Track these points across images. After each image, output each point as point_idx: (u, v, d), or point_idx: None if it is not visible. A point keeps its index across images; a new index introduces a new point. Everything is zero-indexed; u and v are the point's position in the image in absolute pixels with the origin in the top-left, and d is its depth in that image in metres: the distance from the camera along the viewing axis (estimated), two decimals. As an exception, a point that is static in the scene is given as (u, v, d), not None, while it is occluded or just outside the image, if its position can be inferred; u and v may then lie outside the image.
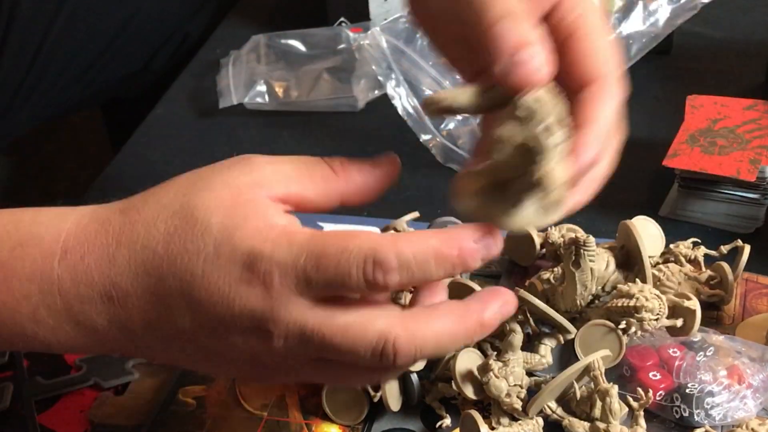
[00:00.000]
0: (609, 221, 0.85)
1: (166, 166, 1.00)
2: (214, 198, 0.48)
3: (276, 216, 0.48)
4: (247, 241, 0.47)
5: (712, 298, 0.72)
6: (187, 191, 0.49)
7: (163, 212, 0.49)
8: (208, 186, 0.49)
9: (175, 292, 0.48)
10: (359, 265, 0.46)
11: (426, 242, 0.47)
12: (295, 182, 0.50)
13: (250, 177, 0.49)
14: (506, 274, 0.78)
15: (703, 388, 0.63)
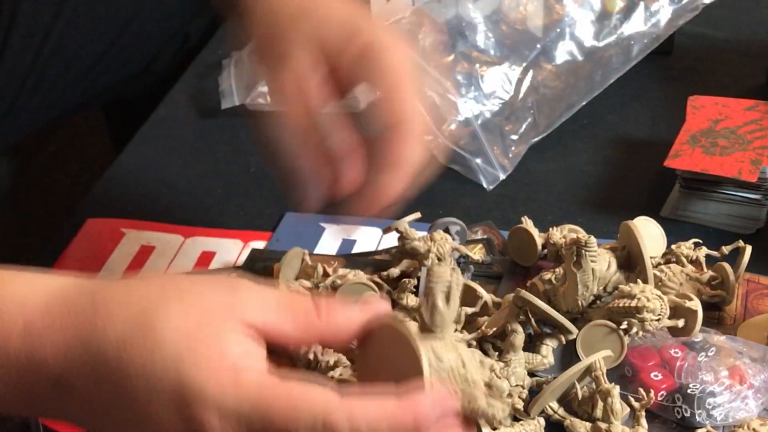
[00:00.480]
0: (610, 222, 0.85)
1: (167, 167, 1.00)
2: (180, 312, 0.47)
3: (234, 344, 0.47)
4: (193, 371, 0.46)
5: (714, 299, 0.72)
6: (158, 295, 0.49)
7: (126, 311, 0.48)
8: (180, 296, 0.48)
9: (115, 402, 0.48)
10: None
11: (382, 407, 0.45)
12: (274, 312, 0.49)
13: (227, 298, 0.48)
14: (508, 274, 0.78)
15: (705, 388, 0.63)
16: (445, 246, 0.76)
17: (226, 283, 0.50)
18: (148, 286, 0.50)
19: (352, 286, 0.74)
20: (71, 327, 0.48)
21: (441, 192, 0.93)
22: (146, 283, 0.50)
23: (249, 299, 0.49)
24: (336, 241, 0.87)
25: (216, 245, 0.88)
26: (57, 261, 0.86)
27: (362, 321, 0.50)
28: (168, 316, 0.47)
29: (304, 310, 0.49)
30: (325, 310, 0.49)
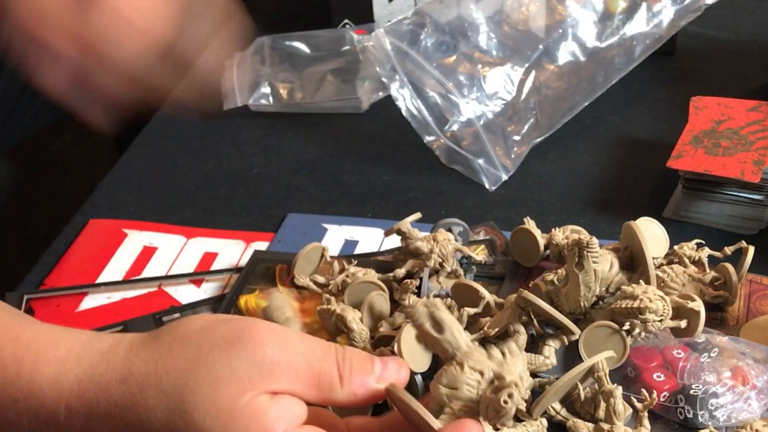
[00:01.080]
0: (612, 222, 0.85)
1: (170, 168, 1.00)
2: (212, 395, 0.50)
3: (270, 410, 0.51)
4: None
5: (716, 300, 0.72)
6: (187, 374, 0.51)
7: (163, 400, 0.50)
8: (210, 372, 0.50)
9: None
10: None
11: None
12: (300, 384, 0.53)
13: (255, 370, 0.51)
14: (510, 275, 0.78)
15: (708, 389, 0.63)
16: (448, 247, 0.76)
17: (249, 347, 0.51)
18: (174, 360, 0.51)
19: (360, 285, 0.74)
20: (116, 418, 0.51)
21: (443, 193, 0.93)
22: (172, 356, 0.52)
23: (276, 369, 0.51)
24: (338, 241, 0.87)
25: (218, 246, 0.88)
26: (59, 262, 0.86)
27: (378, 391, 0.55)
28: (203, 401, 0.50)
29: (329, 380, 0.53)
30: (348, 378, 0.54)
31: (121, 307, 0.81)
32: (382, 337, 0.70)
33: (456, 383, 0.58)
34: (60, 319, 0.79)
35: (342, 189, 0.95)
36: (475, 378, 0.58)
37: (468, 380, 0.57)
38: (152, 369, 0.51)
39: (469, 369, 0.58)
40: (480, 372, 0.58)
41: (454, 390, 0.58)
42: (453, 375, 0.58)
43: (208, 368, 0.51)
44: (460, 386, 0.58)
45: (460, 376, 0.58)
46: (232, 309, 0.78)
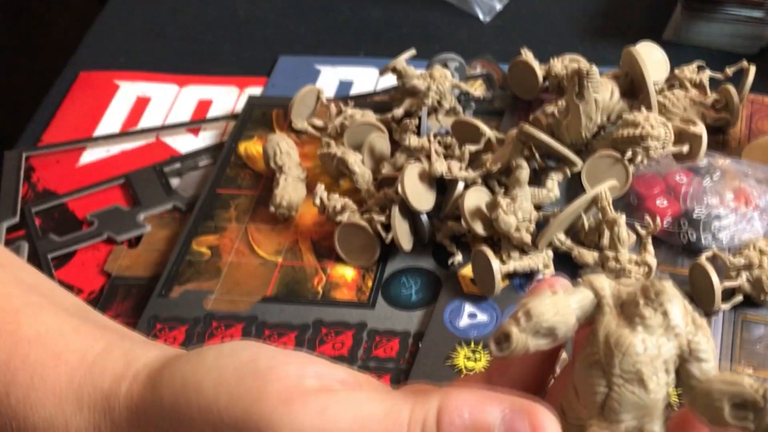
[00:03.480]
0: (612, 49, 0.84)
1: (155, 16, 0.97)
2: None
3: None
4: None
5: (718, 122, 0.72)
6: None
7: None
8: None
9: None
10: None
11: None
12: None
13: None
14: (509, 109, 0.78)
15: (710, 212, 0.64)
16: (445, 83, 0.75)
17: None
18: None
19: (359, 127, 0.74)
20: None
21: (436, 26, 0.91)
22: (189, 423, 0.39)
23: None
24: (333, 82, 0.86)
25: (212, 93, 0.87)
26: (54, 117, 0.85)
27: None
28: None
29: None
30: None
31: (121, 159, 0.81)
32: (385, 178, 0.70)
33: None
34: (61, 174, 0.79)
35: (332, 28, 0.93)
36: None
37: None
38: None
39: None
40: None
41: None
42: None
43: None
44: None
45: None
46: (231, 156, 0.78)
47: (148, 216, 0.74)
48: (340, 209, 0.68)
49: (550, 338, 0.34)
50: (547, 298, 0.34)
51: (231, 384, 0.37)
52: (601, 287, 0.35)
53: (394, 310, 0.64)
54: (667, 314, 0.34)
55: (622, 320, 0.34)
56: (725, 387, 0.33)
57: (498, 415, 0.34)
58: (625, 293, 0.35)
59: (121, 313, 0.67)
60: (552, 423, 0.34)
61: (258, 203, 0.74)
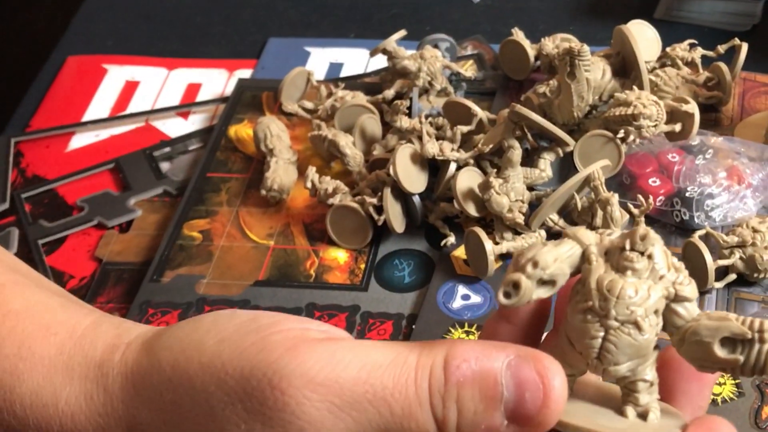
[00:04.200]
0: (603, 27, 0.83)
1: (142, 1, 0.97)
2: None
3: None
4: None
5: (710, 100, 0.72)
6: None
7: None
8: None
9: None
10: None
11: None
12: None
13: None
14: (501, 89, 0.77)
15: (703, 190, 0.64)
16: (436, 64, 0.75)
17: (281, 415, 0.34)
18: (184, 420, 0.37)
19: (350, 109, 0.73)
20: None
21: (426, 7, 0.91)
22: (180, 413, 0.37)
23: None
24: (323, 65, 0.86)
25: (201, 76, 0.86)
26: (42, 102, 0.85)
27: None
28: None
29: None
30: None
31: (110, 144, 0.80)
32: (377, 160, 0.69)
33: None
34: (51, 160, 0.79)
35: (322, 9, 0.93)
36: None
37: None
38: (158, 423, 0.37)
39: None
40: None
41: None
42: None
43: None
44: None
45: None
46: (222, 139, 0.78)
47: (138, 201, 0.74)
48: (332, 192, 0.67)
49: (551, 287, 0.35)
50: (546, 248, 0.35)
51: (233, 339, 0.36)
52: (586, 238, 0.36)
53: (388, 292, 0.64)
54: (652, 257, 0.35)
55: (610, 268, 0.35)
56: (713, 323, 0.34)
57: (503, 361, 0.34)
58: (609, 242, 0.36)
59: (113, 299, 0.66)
60: (557, 367, 0.34)
61: (249, 187, 0.73)
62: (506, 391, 0.34)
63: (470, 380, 0.34)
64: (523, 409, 0.34)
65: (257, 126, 0.74)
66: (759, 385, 0.56)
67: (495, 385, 0.34)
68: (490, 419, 0.34)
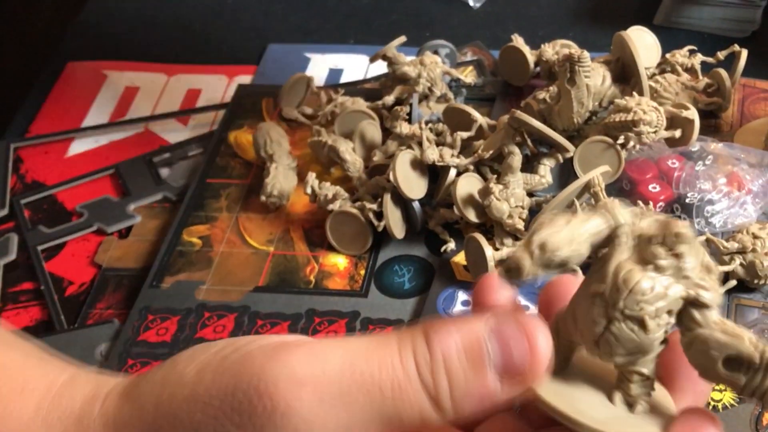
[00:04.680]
0: (602, 34, 0.83)
1: (142, 4, 0.97)
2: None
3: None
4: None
5: (710, 106, 0.72)
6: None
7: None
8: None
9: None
10: None
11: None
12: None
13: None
14: (501, 96, 0.77)
15: (703, 196, 0.64)
16: (436, 70, 0.75)
17: (272, 421, 0.33)
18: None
19: (350, 115, 0.73)
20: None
21: (426, 13, 0.91)
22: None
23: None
24: (322, 70, 0.86)
25: (201, 82, 0.86)
26: (42, 108, 0.84)
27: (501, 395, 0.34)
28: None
29: (418, 418, 0.33)
30: (447, 399, 0.33)
31: (110, 150, 0.80)
32: (377, 166, 0.69)
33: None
34: (50, 165, 0.79)
35: (321, 15, 0.93)
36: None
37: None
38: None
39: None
40: None
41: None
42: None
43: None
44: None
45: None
46: (221, 145, 0.78)
47: (138, 206, 0.74)
48: (332, 198, 0.67)
49: (561, 269, 0.33)
50: (563, 228, 0.33)
51: (212, 364, 0.35)
52: (621, 216, 0.33)
53: (388, 298, 0.64)
54: (680, 257, 0.32)
55: (635, 255, 0.33)
56: (725, 338, 0.32)
57: (484, 324, 0.33)
58: (642, 228, 0.33)
59: (112, 305, 0.66)
60: (537, 320, 0.33)
61: (249, 192, 0.73)
62: (492, 351, 0.33)
63: (454, 348, 0.33)
64: (512, 364, 0.33)
65: (257, 132, 0.74)
66: (760, 392, 0.56)
67: (480, 348, 0.33)
68: (482, 382, 0.33)
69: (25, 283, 0.69)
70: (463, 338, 0.33)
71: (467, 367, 0.33)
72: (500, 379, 0.33)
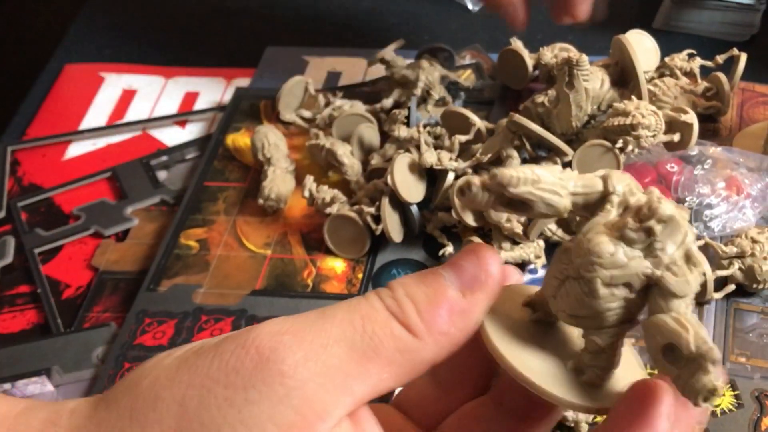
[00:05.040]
0: (601, 37, 0.83)
1: (140, 6, 0.96)
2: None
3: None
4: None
5: (709, 110, 0.72)
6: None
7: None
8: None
9: None
10: None
11: None
12: (360, 380, 0.33)
13: (291, 410, 0.32)
14: (499, 99, 0.77)
15: (702, 201, 0.64)
16: (434, 73, 0.75)
17: (262, 374, 0.32)
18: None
19: (348, 118, 0.73)
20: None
21: (424, 16, 0.91)
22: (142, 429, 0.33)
23: (320, 389, 0.32)
24: (321, 73, 0.85)
25: (199, 85, 0.86)
26: (39, 110, 0.84)
27: (469, 315, 0.34)
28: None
29: (395, 345, 0.33)
30: (418, 324, 0.34)
31: (107, 153, 0.80)
32: (375, 170, 0.69)
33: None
34: (47, 168, 0.78)
35: (320, 19, 0.92)
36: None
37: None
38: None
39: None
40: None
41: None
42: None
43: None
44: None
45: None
46: (219, 148, 0.77)
47: (135, 209, 0.74)
48: (330, 201, 0.67)
49: (523, 210, 0.33)
50: (534, 171, 0.33)
51: (194, 348, 0.34)
52: (615, 184, 0.33)
53: (385, 302, 0.64)
54: (652, 234, 0.31)
55: (614, 225, 0.32)
56: (671, 326, 0.31)
57: (442, 269, 0.34)
58: (629, 201, 0.33)
59: (109, 308, 0.66)
60: (490, 249, 0.34)
61: (246, 196, 0.73)
62: (447, 275, 0.34)
63: (414, 283, 0.34)
64: (467, 278, 0.34)
65: (255, 135, 0.74)
66: (758, 397, 0.56)
67: (437, 275, 0.34)
68: (444, 296, 0.34)
69: (22, 286, 0.69)
70: (420, 276, 0.34)
71: (428, 290, 0.34)
72: (460, 291, 0.34)
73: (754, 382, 0.57)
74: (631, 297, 0.32)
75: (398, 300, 0.33)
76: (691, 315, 0.32)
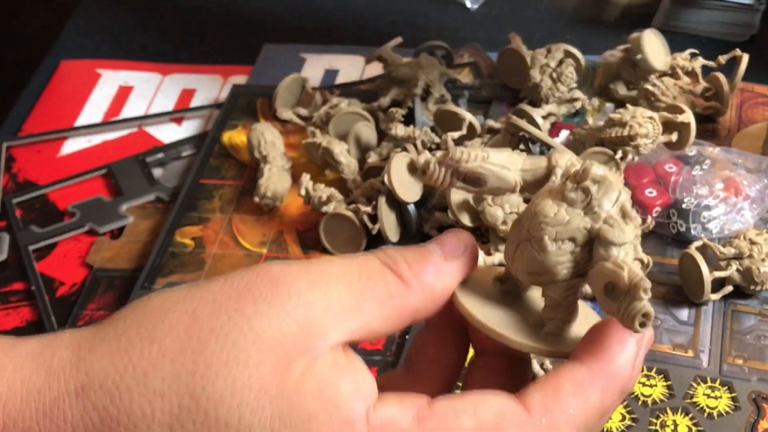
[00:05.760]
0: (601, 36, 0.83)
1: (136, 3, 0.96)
2: (250, 383, 0.33)
3: (352, 400, 0.34)
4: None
5: (708, 111, 0.71)
6: (196, 368, 0.33)
7: (159, 407, 0.33)
8: (234, 355, 0.33)
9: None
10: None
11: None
12: (355, 315, 0.35)
13: (296, 323, 0.34)
14: (497, 98, 0.77)
15: (700, 202, 0.63)
16: (434, 72, 0.74)
17: (271, 292, 0.35)
18: (159, 343, 0.34)
19: (345, 116, 0.73)
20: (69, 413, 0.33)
21: (422, 14, 0.90)
22: (153, 338, 0.34)
23: (321, 314, 0.34)
24: (318, 71, 0.85)
25: (196, 82, 0.86)
26: (35, 106, 0.84)
27: (458, 267, 0.38)
28: (231, 391, 0.33)
29: (388, 292, 0.36)
30: (409, 274, 0.36)
31: (103, 149, 0.80)
32: (371, 168, 0.69)
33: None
34: (43, 165, 0.78)
35: (318, 16, 0.92)
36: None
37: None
38: (124, 364, 0.33)
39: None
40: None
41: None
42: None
43: (221, 341, 0.33)
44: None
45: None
46: (215, 146, 0.77)
47: (130, 207, 0.73)
48: (326, 199, 0.67)
49: (478, 184, 0.38)
50: (497, 152, 0.38)
51: (199, 282, 0.37)
52: (557, 159, 0.38)
53: (381, 301, 0.64)
54: (587, 193, 0.35)
55: (556, 189, 0.36)
56: (609, 268, 0.34)
57: (427, 243, 0.38)
58: (570, 170, 0.37)
59: (104, 306, 0.66)
60: (466, 232, 0.38)
61: (242, 194, 0.73)
62: (431, 246, 0.38)
63: (403, 248, 0.38)
64: (449, 248, 0.38)
65: (251, 132, 0.73)
66: (755, 399, 0.56)
67: (422, 245, 0.38)
68: (430, 258, 0.37)
69: (16, 283, 0.69)
70: (409, 246, 0.38)
71: (416, 252, 0.38)
72: (443, 257, 0.38)
73: (752, 385, 0.57)
74: (577, 251, 0.36)
75: (391, 256, 0.37)
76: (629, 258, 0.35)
